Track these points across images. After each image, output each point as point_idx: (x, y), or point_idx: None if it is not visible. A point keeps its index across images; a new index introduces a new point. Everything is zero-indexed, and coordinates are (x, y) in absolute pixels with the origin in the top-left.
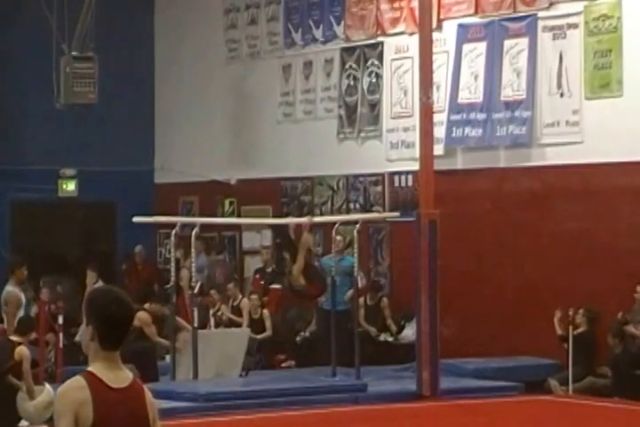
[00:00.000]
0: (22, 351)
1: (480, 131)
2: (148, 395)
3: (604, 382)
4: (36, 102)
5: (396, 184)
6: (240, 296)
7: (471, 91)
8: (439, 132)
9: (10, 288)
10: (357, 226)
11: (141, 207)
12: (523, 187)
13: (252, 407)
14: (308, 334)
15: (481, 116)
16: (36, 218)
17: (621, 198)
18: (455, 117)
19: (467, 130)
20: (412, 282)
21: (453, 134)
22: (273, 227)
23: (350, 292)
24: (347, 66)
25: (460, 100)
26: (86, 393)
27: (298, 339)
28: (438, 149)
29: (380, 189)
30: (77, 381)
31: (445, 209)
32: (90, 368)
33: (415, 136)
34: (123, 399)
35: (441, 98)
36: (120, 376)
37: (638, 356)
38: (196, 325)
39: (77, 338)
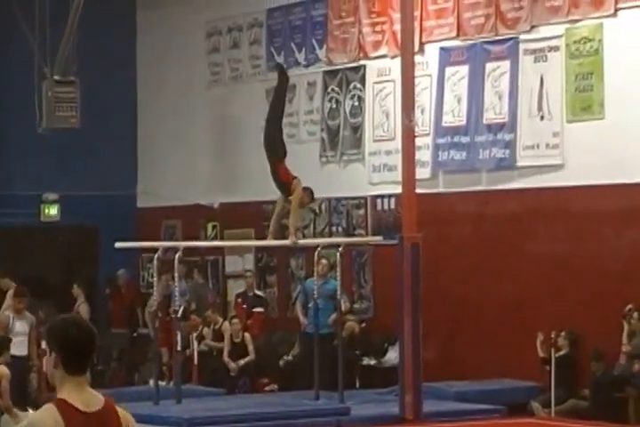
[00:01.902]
0: (0, 370)
1: (464, 154)
2: (125, 416)
3: (587, 405)
4: (18, 126)
5: (379, 207)
6: (220, 320)
7: (455, 114)
8: (425, 155)
9: (6, 312)
10: (340, 249)
11: (124, 231)
12: (505, 209)
13: None
14: (291, 357)
15: (465, 140)
16: (18, 243)
17: (603, 221)
18: (440, 141)
19: (452, 153)
20: (395, 305)
21: (439, 158)
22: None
23: (334, 315)
24: (329, 89)
25: (444, 124)
26: (57, 423)
27: (281, 363)
28: (425, 173)
29: (362, 212)
30: (48, 410)
31: (428, 232)
32: (60, 395)
33: (397, 159)
34: (96, 423)
35: (425, 121)
36: (91, 400)
37: (619, 378)
38: (179, 348)
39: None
